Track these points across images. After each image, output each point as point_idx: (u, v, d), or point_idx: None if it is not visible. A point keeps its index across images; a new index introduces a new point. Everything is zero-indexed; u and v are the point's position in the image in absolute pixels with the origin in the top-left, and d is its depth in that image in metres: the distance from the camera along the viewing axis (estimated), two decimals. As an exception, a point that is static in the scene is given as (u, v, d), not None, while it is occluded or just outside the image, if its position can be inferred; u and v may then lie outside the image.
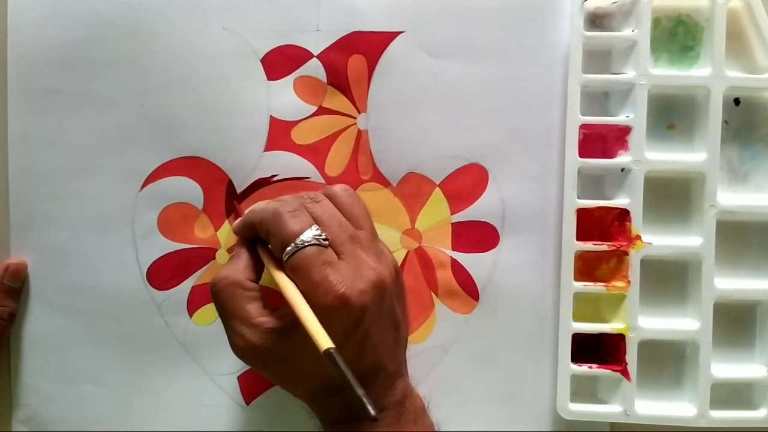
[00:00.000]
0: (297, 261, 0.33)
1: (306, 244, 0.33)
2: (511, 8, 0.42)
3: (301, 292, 0.33)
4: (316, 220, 0.35)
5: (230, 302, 0.35)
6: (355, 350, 0.34)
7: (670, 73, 0.41)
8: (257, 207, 0.37)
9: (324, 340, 0.31)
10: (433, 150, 0.42)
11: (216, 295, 0.35)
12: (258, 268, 0.37)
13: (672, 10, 0.42)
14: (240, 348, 0.35)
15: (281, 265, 0.35)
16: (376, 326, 0.35)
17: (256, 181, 0.42)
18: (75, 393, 0.44)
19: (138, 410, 0.43)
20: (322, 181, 0.42)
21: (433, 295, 0.43)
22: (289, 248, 0.34)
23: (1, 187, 0.43)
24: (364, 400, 0.30)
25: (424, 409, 0.37)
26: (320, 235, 0.34)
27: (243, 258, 0.37)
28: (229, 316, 0.35)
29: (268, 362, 0.35)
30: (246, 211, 0.38)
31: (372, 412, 0.29)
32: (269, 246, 0.36)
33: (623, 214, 0.41)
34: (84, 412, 0.44)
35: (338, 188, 0.37)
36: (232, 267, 0.36)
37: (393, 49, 0.42)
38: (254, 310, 0.35)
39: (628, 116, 0.41)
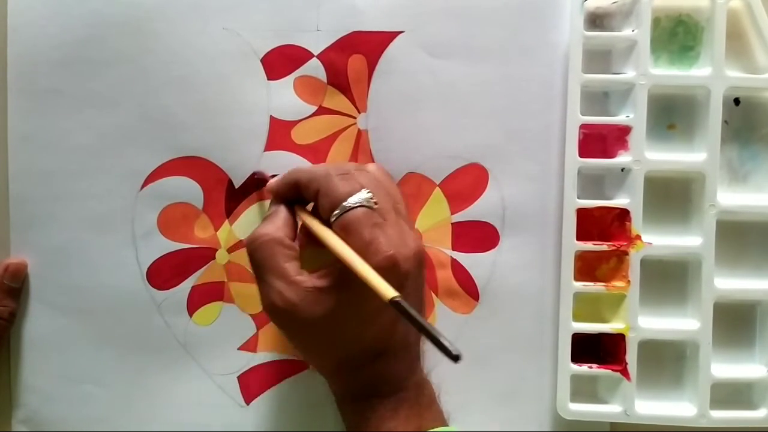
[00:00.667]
0: (348, 220, 0.34)
1: (358, 204, 0.34)
2: (511, 8, 0.42)
3: None
4: (363, 186, 0.35)
5: (269, 259, 0.35)
6: (390, 318, 0.34)
7: (670, 73, 0.41)
8: (302, 167, 0.37)
9: (388, 290, 0.31)
10: (433, 150, 0.42)
11: (254, 251, 0.35)
12: (294, 228, 0.37)
13: (672, 10, 0.42)
14: (275, 306, 0.34)
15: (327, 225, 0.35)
16: (411, 297, 0.34)
17: (255, 179, 0.42)
18: (75, 393, 0.44)
19: (138, 410, 0.43)
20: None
21: (433, 295, 0.43)
22: (341, 206, 0.34)
23: (1, 187, 0.43)
24: (443, 340, 0.29)
25: (436, 396, 0.37)
26: (371, 198, 0.34)
27: (281, 216, 0.36)
28: (267, 273, 0.35)
29: (302, 324, 0.34)
30: (289, 171, 0.38)
31: (454, 351, 0.28)
32: (310, 206, 0.36)
33: (623, 214, 0.41)
34: (84, 411, 0.44)
35: (373, 166, 0.38)
36: (271, 224, 0.36)
37: (393, 48, 0.42)
38: (293, 268, 0.34)
39: (628, 116, 0.41)
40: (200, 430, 0.43)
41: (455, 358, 0.29)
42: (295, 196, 0.37)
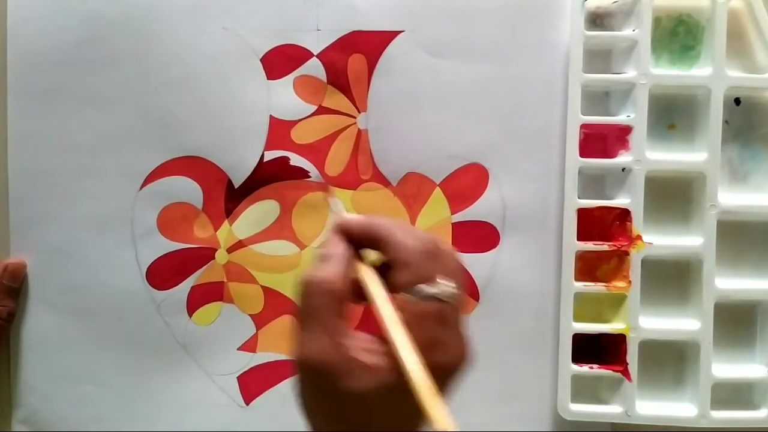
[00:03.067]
0: (421, 309, 0.30)
1: (438, 296, 0.30)
2: (511, 8, 0.42)
3: (417, 340, 0.30)
4: (451, 276, 0.31)
5: (323, 309, 0.31)
6: (414, 426, 0.33)
7: (670, 73, 0.41)
8: (390, 224, 0.33)
9: (443, 421, 0.28)
10: (433, 150, 0.42)
11: (310, 296, 0.31)
12: (351, 278, 0.33)
13: (673, 10, 0.42)
14: (310, 358, 0.31)
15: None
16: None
17: (255, 179, 0.42)
18: (74, 393, 0.43)
19: (137, 410, 0.43)
20: (322, 181, 0.42)
21: (434, 295, 0.43)
22: (424, 291, 0.30)
23: (1, 187, 0.43)
24: None
25: None
26: (456, 294, 0.31)
27: (343, 262, 0.32)
28: (313, 322, 0.31)
29: (330, 388, 0.31)
30: (371, 220, 0.33)
31: None
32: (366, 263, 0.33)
33: (624, 214, 0.41)
34: (84, 411, 0.44)
35: (448, 248, 0.33)
36: (335, 270, 0.32)
37: (393, 48, 0.42)
38: (343, 327, 0.31)
39: (628, 116, 0.41)
40: (200, 430, 0.43)
41: None
42: (367, 245, 0.33)
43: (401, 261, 0.31)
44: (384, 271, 0.32)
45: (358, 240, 0.33)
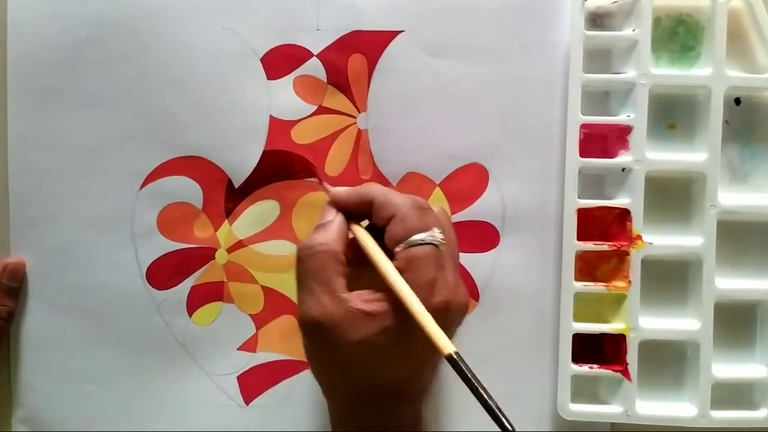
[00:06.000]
0: (416, 254, 0.33)
1: (430, 241, 0.33)
2: (511, 8, 0.42)
3: (409, 283, 0.32)
4: (437, 226, 0.34)
5: (321, 269, 0.34)
6: (421, 363, 0.34)
7: (670, 73, 0.41)
8: (379, 187, 0.36)
9: (446, 344, 0.30)
10: (433, 150, 0.42)
11: (308, 258, 0.34)
12: (346, 243, 0.36)
13: (673, 10, 0.42)
14: (313, 318, 0.33)
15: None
16: None
17: (255, 179, 0.42)
18: (75, 393, 0.43)
19: (137, 410, 0.43)
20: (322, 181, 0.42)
21: (433, 295, 0.43)
22: (411, 239, 0.33)
23: (1, 187, 0.43)
24: (498, 410, 0.29)
25: None
26: (443, 240, 0.34)
27: (338, 228, 0.35)
28: (313, 283, 0.34)
29: (334, 342, 0.33)
30: (363, 186, 0.37)
31: (510, 427, 0.28)
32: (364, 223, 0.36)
33: (624, 214, 0.41)
34: (84, 411, 0.44)
35: (439, 209, 0.36)
36: (329, 234, 0.35)
37: (393, 48, 0.42)
38: (342, 285, 0.34)
39: (628, 116, 0.41)
40: (200, 430, 0.43)
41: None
42: (361, 212, 0.36)
43: (395, 216, 0.34)
44: (376, 237, 0.35)
45: (350, 209, 0.36)
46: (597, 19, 0.42)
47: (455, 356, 0.30)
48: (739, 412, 0.41)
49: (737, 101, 0.42)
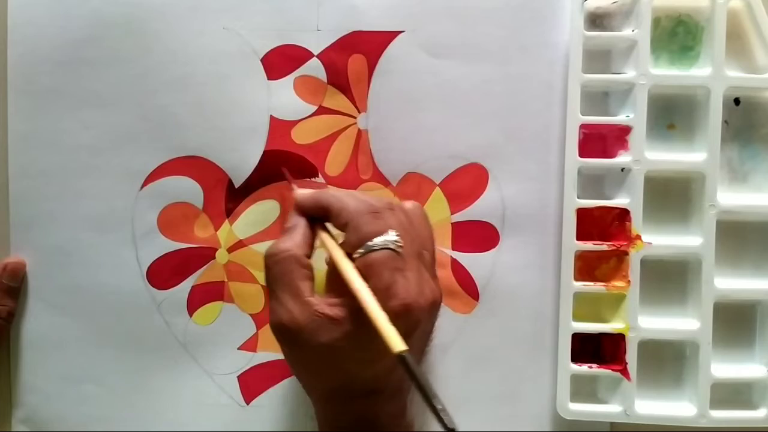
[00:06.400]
0: (370, 260, 0.33)
1: (383, 246, 0.33)
2: (511, 8, 0.42)
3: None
4: (391, 228, 0.34)
5: (285, 275, 0.34)
6: (392, 362, 0.34)
7: (670, 73, 0.41)
8: (336, 193, 0.36)
9: (397, 342, 0.31)
10: (433, 150, 0.42)
11: (273, 265, 0.35)
12: (312, 246, 0.36)
13: (672, 10, 0.42)
14: (282, 323, 0.34)
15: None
16: (417, 344, 0.35)
17: (256, 179, 0.42)
18: (75, 392, 0.44)
19: (138, 410, 0.43)
20: (323, 181, 0.42)
21: (433, 294, 0.43)
22: (366, 245, 0.33)
23: (1, 187, 0.43)
24: (440, 408, 0.29)
25: None
26: (398, 242, 0.34)
27: (301, 233, 0.36)
28: (280, 289, 0.34)
29: (303, 345, 0.34)
30: (321, 192, 0.37)
31: (449, 424, 0.29)
32: (327, 231, 0.36)
33: (623, 214, 0.41)
34: (84, 411, 0.44)
35: (411, 205, 0.37)
36: (292, 240, 0.35)
37: (393, 48, 0.42)
38: (307, 289, 0.34)
39: (628, 116, 0.41)
40: (200, 430, 0.43)
41: (451, 431, 0.29)
42: (320, 217, 0.36)
43: (348, 223, 0.35)
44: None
45: (312, 214, 0.37)
46: (597, 20, 0.42)
47: (404, 355, 0.30)
48: (739, 412, 0.41)
49: (737, 101, 0.42)
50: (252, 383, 0.43)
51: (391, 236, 0.34)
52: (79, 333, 0.43)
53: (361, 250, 0.34)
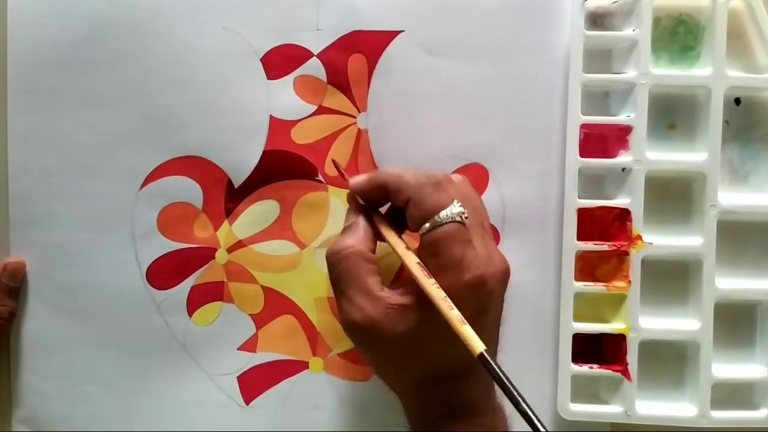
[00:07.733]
0: (439, 236, 0.33)
1: (450, 219, 0.33)
2: (511, 8, 0.42)
3: (439, 266, 0.32)
4: (455, 199, 0.34)
5: (352, 272, 0.34)
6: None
7: (670, 73, 0.41)
8: (391, 170, 0.35)
9: (477, 343, 0.30)
10: (433, 150, 0.42)
11: (337, 263, 0.34)
12: (374, 240, 0.36)
13: (673, 10, 0.42)
14: (355, 321, 0.33)
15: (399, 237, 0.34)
16: (493, 315, 0.34)
17: (255, 179, 0.42)
18: (75, 392, 0.43)
19: (138, 410, 0.43)
20: (323, 181, 0.42)
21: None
22: (433, 220, 0.33)
23: (1, 187, 0.43)
24: (527, 407, 0.29)
25: (509, 425, 0.36)
26: (464, 213, 0.33)
27: (363, 227, 0.35)
28: (348, 287, 0.34)
29: (382, 342, 0.33)
30: (376, 173, 0.36)
31: (541, 427, 0.28)
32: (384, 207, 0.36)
33: (624, 214, 0.41)
34: (84, 411, 0.44)
35: (459, 177, 0.36)
36: (353, 236, 0.35)
37: (393, 48, 0.42)
38: (376, 284, 0.34)
39: (628, 116, 0.41)
40: (200, 430, 0.43)
41: None
42: (379, 198, 0.36)
43: (410, 198, 0.34)
44: (402, 217, 0.35)
45: (369, 198, 0.36)
46: (597, 19, 0.42)
47: (485, 355, 0.30)
48: (739, 412, 0.41)
49: (737, 101, 0.42)
50: (252, 383, 0.43)
51: (456, 208, 0.33)
52: (79, 333, 0.43)
53: (427, 225, 0.33)
